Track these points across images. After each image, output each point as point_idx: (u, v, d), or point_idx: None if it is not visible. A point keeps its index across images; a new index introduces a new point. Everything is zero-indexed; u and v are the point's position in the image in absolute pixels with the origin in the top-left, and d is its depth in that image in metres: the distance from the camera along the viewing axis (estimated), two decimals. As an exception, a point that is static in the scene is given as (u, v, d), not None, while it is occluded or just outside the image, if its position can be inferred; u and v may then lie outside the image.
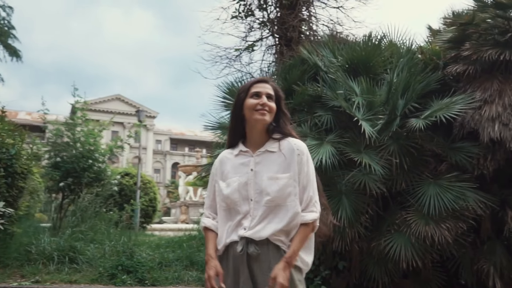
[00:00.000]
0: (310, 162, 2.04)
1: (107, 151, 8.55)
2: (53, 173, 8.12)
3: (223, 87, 6.43)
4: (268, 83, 2.02)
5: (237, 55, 8.91)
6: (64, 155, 8.15)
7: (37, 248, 5.16)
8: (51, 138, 8.36)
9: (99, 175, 8.15)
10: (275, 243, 1.87)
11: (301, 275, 2.00)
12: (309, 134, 5.35)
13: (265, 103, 1.93)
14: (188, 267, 5.61)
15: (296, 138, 2.05)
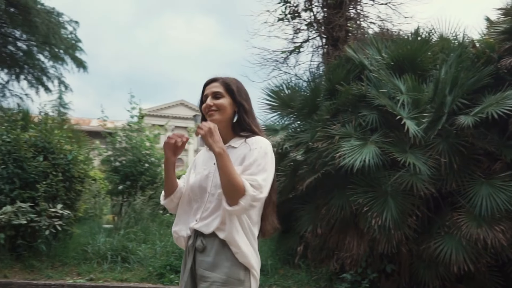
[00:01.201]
0: (267, 156, 1.78)
1: (163, 155, 8.83)
2: (113, 177, 8.57)
3: (269, 90, 6.48)
4: (216, 81, 1.95)
5: (285, 58, 8.95)
6: (123, 160, 8.56)
7: (93, 248, 5.46)
8: (111, 144, 8.81)
9: (155, 178, 8.47)
10: (220, 237, 1.76)
11: (245, 274, 1.76)
12: (353, 135, 5.27)
13: (208, 105, 1.90)
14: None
15: (258, 133, 1.90)
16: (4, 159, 5.26)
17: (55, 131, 5.86)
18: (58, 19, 13.36)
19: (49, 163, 5.47)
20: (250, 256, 1.76)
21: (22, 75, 15.28)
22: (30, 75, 15.19)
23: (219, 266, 1.75)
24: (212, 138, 1.67)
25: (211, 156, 1.82)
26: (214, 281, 1.72)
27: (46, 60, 15.13)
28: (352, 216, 5.27)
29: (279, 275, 5.55)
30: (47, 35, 12.41)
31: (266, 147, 1.80)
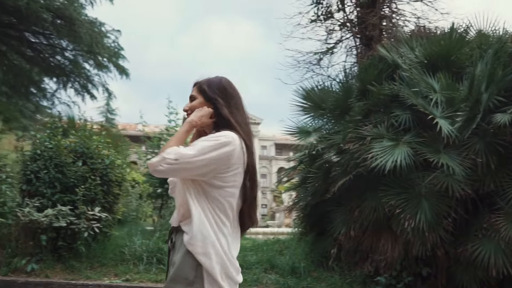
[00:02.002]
0: (211, 142, 1.64)
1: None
2: (152, 180, 8.80)
3: (300, 92, 6.47)
4: (194, 86, 1.91)
5: (319, 59, 8.89)
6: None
7: (129, 250, 5.64)
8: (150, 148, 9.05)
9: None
10: (182, 229, 1.67)
11: (197, 275, 1.60)
12: (385, 135, 5.18)
13: (184, 109, 1.88)
14: (268, 270, 5.71)
15: (236, 127, 1.73)
16: (46, 164, 5.53)
17: (93, 137, 6.10)
18: (101, 28, 13.89)
19: (88, 167, 5.70)
20: (209, 254, 1.59)
21: (69, 83, 15.98)
22: (77, 83, 15.85)
23: (174, 263, 1.65)
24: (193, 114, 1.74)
25: None
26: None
27: (91, 68, 15.75)
28: (386, 218, 5.17)
29: (312, 278, 5.52)
30: (91, 45, 12.91)
31: (220, 137, 1.65)
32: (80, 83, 15.79)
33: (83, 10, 14.00)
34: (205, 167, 1.61)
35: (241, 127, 1.74)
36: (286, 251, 6.32)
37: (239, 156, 1.65)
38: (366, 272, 5.44)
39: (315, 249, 6.17)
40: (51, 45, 14.93)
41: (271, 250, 6.34)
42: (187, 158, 1.59)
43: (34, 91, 17.61)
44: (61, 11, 12.17)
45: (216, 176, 1.63)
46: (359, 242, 5.54)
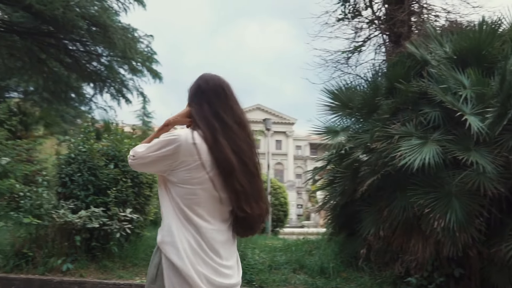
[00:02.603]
0: (162, 139, 1.68)
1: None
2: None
3: (327, 91, 6.43)
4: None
5: (347, 58, 8.80)
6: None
7: (160, 251, 5.75)
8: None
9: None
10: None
11: (158, 275, 1.64)
12: (414, 134, 5.09)
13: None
14: (296, 270, 5.70)
15: (199, 125, 1.72)
16: (80, 167, 5.73)
17: (125, 140, 6.26)
18: (134, 34, 14.23)
19: (119, 170, 5.86)
20: (176, 248, 1.60)
21: (105, 88, 16.46)
22: (112, 88, 16.30)
23: None
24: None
25: None
26: None
27: (126, 73, 16.16)
28: (415, 218, 5.08)
29: (341, 278, 5.48)
30: (124, 50, 13.24)
31: (168, 135, 1.67)
32: (115, 88, 16.24)
33: (116, 17, 14.40)
34: (156, 163, 1.67)
35: (208, 122, 1.71)
36: (316, 251, 6.29)
37: (189, 153, 1.62)
38: (396, 272, 5.36)
39: (345, 249, 6.12)
40: (88, 52, 15.42)
41: (300, 250, 6.33)
42: (140, 154, 1.70)
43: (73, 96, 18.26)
44: (95, 18, 12.54)
45: (171, 173, 1.66)
46: (389, 242, 5.46)
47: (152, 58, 15.48)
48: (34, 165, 8.15)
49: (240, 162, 1.69)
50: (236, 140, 1.71)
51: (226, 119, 1.73)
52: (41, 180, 5.83)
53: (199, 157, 1.62)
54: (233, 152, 1.67)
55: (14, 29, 15.63)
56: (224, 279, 1.68)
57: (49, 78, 16.52)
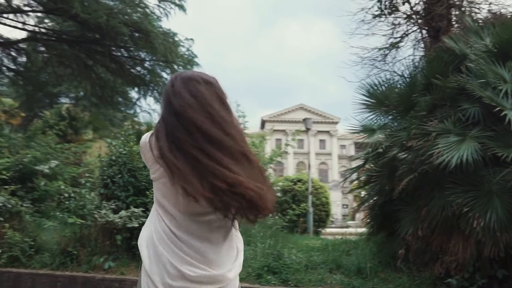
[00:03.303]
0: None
1: (269, 160, 9.17)
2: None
3: (363, 89, 6.36)
4: None
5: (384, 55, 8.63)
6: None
7: (198, 249, 5.87)
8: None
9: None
10: None
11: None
12: (452, 130, 4.94)
13: None
14: (333, 270, 5.66)
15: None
16: (120, 169, 5.94)
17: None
18: (174, 38, 14.56)
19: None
20: (141, 246, 1.60)
21: (149, 92, 16.94)
22: (155, 92, 16.75)
23: None
24: None
25: None
26: None
27: (168, 77, 16.55)
28: (455, 217, 4.93)
29: (378, 279, 5.40)
30: (165, 54, 13.58)
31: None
32: (158, 91, 16.66)
33: (158, 22, 14.80)
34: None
35: (164, 121, 1.66)
36: (353, 251, 6.22)
37: (146, 150, 1.63)
38: (436, 273, 5.21)
39: (383, 249, 6.02)
40: (131, 57, 15.92)
41: (337, 250, 6.28)
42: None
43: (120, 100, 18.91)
44: (137, 24, 12.94)
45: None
46: (428, 242, 5.32)
47: (192, 61, 15.77)
48: (80, 168, 8.53)
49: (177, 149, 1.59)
50: (173, 130, 1.63)
51: (163, 113, 1.67)
52: (84, 182, 6.09)
53: (152, 153, 1.61)
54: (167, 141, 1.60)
55: (63, 38, 16.38)
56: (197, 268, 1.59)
57: (96, 84, 17.18)
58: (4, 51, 17.78)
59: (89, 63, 16.63)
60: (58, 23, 16.56)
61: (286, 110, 62.53)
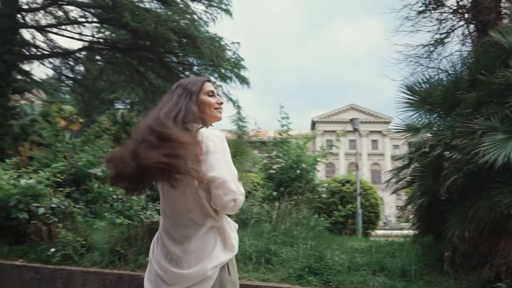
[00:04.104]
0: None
1: (314, 161, 9.14)
2: (268, 184, 9.17)
3: (406, 87, 6.20)
4: (210, 82, 2.15)
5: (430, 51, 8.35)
6: (277, 167, 9.09)
7: (240, 250, 5.96)
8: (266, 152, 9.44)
9: (308, 183, 8.76)
10: None
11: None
12: (499, 128, 4.75)
13: (222, 102, 2.07)
14: (376, 272, 5.56)
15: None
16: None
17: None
18: (220, 42, 14.84)
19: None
20: None
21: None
22: (204, 96, 17.12)
23: None
24: None
25: None
26: None
27: (216, 80, 16.88)
28: (504, 218, 4.73)
29: (423, 282, 5.25)
30: (212, 58, 13.88)
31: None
32: (206, 95, 17.02)
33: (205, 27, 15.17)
34: None
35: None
36: (398, 253, 6.08)
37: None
38: (485, 277, 5.00)
39: (430, 251, 5.85)
40: (180, 63, 16.38)
41: (381, 252, 6.16)
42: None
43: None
44: (184, 30, 13.31)
45: None
46: (476, 244, 5.13)
47: (239, 64, 16.03)
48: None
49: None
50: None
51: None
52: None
53: None
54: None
55: (116, 47, 17.13)
56: (173, 266, 1.87)
57: (148, 89, 17.81)
58: (63, 61, 18.81)
59: (141, 70, 17.28)
60: (111, 32, 17.33)
61: (337, 111, 61.84)
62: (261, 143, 9.67)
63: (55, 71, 19.42)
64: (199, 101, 2.00)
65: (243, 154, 11.18)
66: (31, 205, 5.83)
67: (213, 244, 1.85)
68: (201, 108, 2.00)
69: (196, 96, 1.99)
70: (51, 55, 18.17)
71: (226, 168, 1.82)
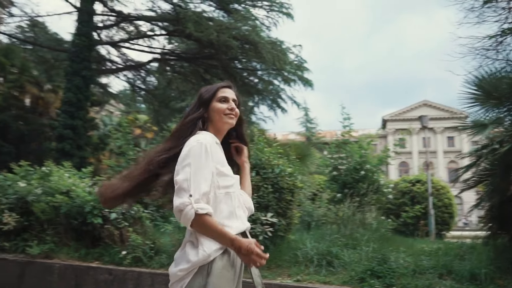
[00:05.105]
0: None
1: (378, 162, 8.93)
2: (331, 186, 9.10)
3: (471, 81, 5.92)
4: (231, 89, 2.12)
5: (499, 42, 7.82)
6: (341, 169, 8.99)
7: (302, 252, 5.98)
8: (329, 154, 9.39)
9: (372, 184, 8.58)
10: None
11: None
12: None
13: (233, 108, 2.04)
14: (443, 275, 5.33)
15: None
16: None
17: (264, 149, 6.67)
18: (281, 46, 14.94)
19: (260, 177, 6.27)
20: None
21: (263, 100, 17.59)
22: (268, 100, 17.32)
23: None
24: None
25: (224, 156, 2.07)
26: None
27: (280, 84, 17.02)
28: None
29: (495, 286, 4.97)
30: (274, 62, 14.00)
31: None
32: (271, 99, 17.21)
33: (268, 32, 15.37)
34: None
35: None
36: (468, 256, 5.80)
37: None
38: None
39: (502, 254, 5.52)
40: (244, 68, 16.70)
41: (449, 255, 5.90)
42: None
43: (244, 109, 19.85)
44: (246, 37, 13.57)
45: None
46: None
47: (302, 66, 16.03)
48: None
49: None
50: None
51: None
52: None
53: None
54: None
55: (183, 57, 17.80)
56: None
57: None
58: (135, 73, 19.86)
59: (207, 77, 17.81)
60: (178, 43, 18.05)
61: (409, 108, 59.46)
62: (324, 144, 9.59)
63: (129, 83, 20.54)
64: (210, 108, 2.07)
65: (307, 157, 11.20)
66: (104, 211, 6.23)
67: (189, 248, 1.89)
68: (211, 115, 2.06)
69: (207, 104, 2.07)
70: (125, 68, 19.24)
71: (186, 175, 1.83)
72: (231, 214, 1.94)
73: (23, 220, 6.47)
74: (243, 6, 15.15)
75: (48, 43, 18.74)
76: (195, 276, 1.82)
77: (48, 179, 6.76)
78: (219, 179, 1.92)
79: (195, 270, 1.83)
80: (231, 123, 2.06)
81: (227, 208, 1.94)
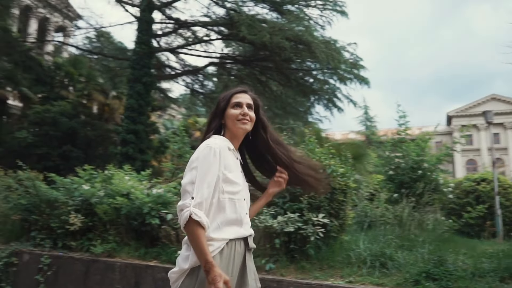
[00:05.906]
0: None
1: (437, 160, 8.62)
2: (388, 186, 8.88)
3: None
4: (247, 93, 2.14)
5: None
6: (397, 168, 8.77)
7: (355, 253, 5.91)
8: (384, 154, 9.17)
9: (430, 183, 8.29)
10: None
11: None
12: None
13: (246, 113, 2.06)
14: (505, 279, 5.07)
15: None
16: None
17: (316, 149, 6.66)
18: (335, 45, 14.77)
19: (312, 178, 6.28)
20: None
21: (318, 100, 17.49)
22: (324, 99, 17.19)
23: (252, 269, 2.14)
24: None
25: (235, 160, 2.08)
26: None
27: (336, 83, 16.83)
28: None
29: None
30: (328, 62, 13.88)
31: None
32: (327, 98, 17.07)
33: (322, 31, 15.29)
34: None
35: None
36: (534, 258, 5.48)
37: None
38: None
39: None
40: (298, 69, 16.69)
41: (507, 257, 5.60)
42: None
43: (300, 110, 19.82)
44: (299, 37, 13.56)
45: None
46: None
47: (358, 64, 15.77)
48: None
49: None
50: None
51: None
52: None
53: None
54: None
55: (238, 60, 18.08)
56: None
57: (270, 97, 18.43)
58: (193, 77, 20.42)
59: (263, 79, 17.97)
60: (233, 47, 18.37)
61: (476, 103, 56.45)
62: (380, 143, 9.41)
63: (188, 87, 21.14)
64: (225, 115, 2.13)
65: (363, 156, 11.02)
66: (161, 212, 6.49)
67: (183, 250, 2.01)
68: (226, 121, 2.12)
69: (223, 111, 2.13)
70: (183, 73, 19.84)
71: (191, 178, 1.89)
72: (233, 220, 1.98)
73: (87, 220, 6.87)
74: (297, 6, 15.16)
75: (113, 52, 19.72)
76: (187, 278, 1.94)
77: (110, 182, 7.14)
78: (224, 184, 1.95)
79: (187, 272, 1.93)
80: (245, 128, 2.09)
81: (230, 213, 1.97)
